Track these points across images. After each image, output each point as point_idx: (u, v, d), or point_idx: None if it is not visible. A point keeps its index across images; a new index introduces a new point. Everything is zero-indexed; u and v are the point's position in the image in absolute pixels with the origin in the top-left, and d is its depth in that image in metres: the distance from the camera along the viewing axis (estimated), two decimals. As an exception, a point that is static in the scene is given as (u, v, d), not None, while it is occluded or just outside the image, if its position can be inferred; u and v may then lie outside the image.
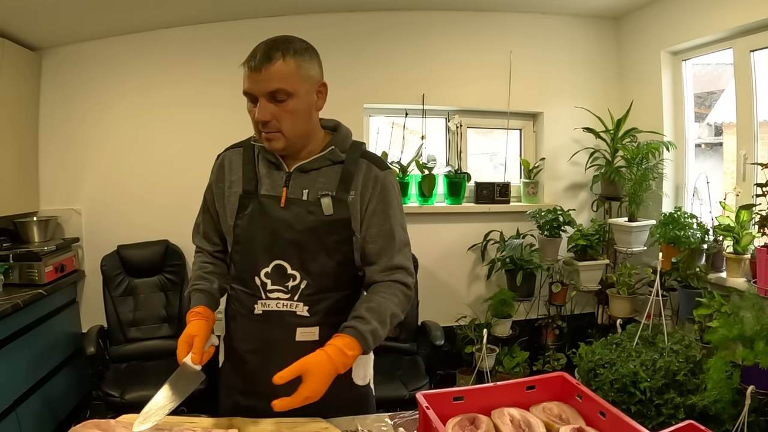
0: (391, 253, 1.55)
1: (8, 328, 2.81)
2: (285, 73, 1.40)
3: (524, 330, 4.01)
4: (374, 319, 1.43)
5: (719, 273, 3.19)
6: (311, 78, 1.48)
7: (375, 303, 1.47)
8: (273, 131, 1.45)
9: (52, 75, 3.58)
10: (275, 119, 1.43)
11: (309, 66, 1.47)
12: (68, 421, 3.24)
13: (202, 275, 1.64)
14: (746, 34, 3.15)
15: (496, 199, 4.04)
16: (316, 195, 1.52)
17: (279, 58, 1.39)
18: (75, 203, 3.67)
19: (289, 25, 3.72)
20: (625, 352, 2.88)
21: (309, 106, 1.49)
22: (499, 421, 1.34)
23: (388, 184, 1.58)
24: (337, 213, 1.51)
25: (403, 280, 1.56)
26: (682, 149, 3.76)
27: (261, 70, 1.38)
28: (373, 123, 4.06)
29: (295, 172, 1.54)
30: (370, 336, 1.41)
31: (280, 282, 1.52)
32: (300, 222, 1.50)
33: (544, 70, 4.08)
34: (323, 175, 1.55)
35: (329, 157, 1.55)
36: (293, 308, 1.52)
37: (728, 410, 2.43)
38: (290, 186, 1.53)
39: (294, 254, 1.51)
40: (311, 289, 1.52)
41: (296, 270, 1.51)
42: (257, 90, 1.41)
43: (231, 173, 1.60)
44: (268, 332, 1.54)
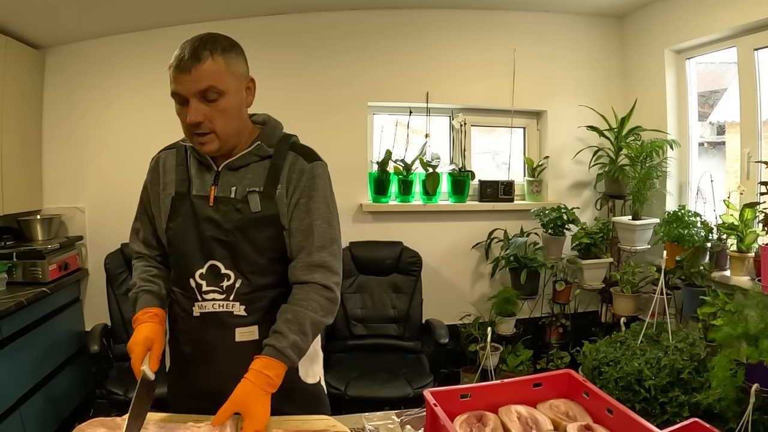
0: (309, 248, 1.50)
1: (12, 327, 2.81)
2: (215, 71, 1.38)
3: (528, 328, 4.00)
4: (292, 332, 1.39)
5: (723, 271, 3.19)
6: (240, 74, 1.46)
7: (291, 314, 1.43)
8: (206, 132, 1.42)
9: (56, 73, 3.58)
10: (208, 119, 1.41)
11: (237, 62, 1.45)
12: (72, 420, 3.24)
13: (147, 278, 1.60)
14: (750, 33, 3.15)
15: (500, 197, 4.04)
16: (244, 192, 1.50)
17: (208, 57, 1.37)
18: (78, 201, 3.67)
19: (291, 23, 3.74)
20: (629, 351, 2.88)
21: (239, 104, 1.47)
22: (506, 419, 1.34)
23: (315, 176, 1.53)
24: (265, 209, 1.49)
25: (323, 281, 1.49)
26: (686, 147, 3.75)
27: (191, 70, 1.36)
28: (377, 121, 4.06)
29: (223, 170, 1.52)
30: (290, 350, 1.37)
31: (215, 282, 1.50)
32: (228, 221, 1.48)
33: (547, 69, 4.08)
34: (251, 171, 1.52)
35: (256, 152, 1.52)
36: (230, 308, 1.50)
37: (733, 408, 2.43)
38: (219, 184, 1.51)
39: (225, 254, 1.49)
40: (246, 287, 1.50)
41: (229, 269, 1.49)
42: (187, 90, 1.38)
43: (165, 175, 1.58)
44: (207, 334, 1.52)
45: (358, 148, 3.88)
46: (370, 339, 3.57)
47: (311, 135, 4.08)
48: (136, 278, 1.62)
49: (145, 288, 1.56)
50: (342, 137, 3.83)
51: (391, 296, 3.66)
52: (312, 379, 1.64)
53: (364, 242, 3.79)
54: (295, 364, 1.40)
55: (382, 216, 3.91)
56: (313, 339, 1.46)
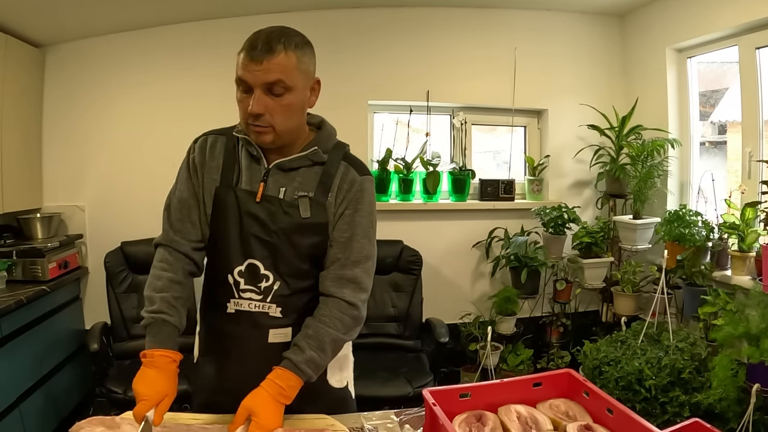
0: (344, 261, 1.47)
1: (11, 325, 2.80)
2: (286, 66, 1.36)
3: (528, 327, 4.00)
4: (311, 348, 1.38)
5: (724, 271, 3.18)
6: (308, 73, 1.45)
7: (313, 330, 1.41)
8: (264, 125, 1.39)
9: (56, 71, 3.57)
10: (269, 113, 1.38)
11: (308, 61, 1.44)
12: (71, 418, 3.24)
13: (170, 301, 1.44)
14: (751, 32, 3.14)
15: (501, 196, 4.03)
16: (293, 194, 1.47)
17: (281, 51, 1.35)
18: (78, 200, 3.67)
19: (293, 21, 3.68)
20: (630, 350, 2.87)
21: (303, 102, 1.45)
22: (506, 418, 1.33)
23: (364, 189, 1.51)
24: (315, 216, 1.46)
25: (350, 298, 1.45)
26: (687, 147, 3.74)
27: (262, 61, 1.33)
28: (377, 120, 4.05)
29: (273, 168, 1.48)
30: (306, 366, 1.37)
31: (253, 282, 1.47)
32: (274, 222, 1.45)
33: (548, 67, 4.07)
34: (302, 175, 1.49)
35: (311, 157, 1.50)
36: (266, 309, 1.48)
37: (733, 408, 2.42)
38: (268, 182, 1.48)
39: (266, 254, 1.46)
40: (285, 290, 1.48)
41: (269, 270, 1.46)
42: (255, 80, 1.35)
43: (212, 159, 1.52)
44: (240, 332, 1.50)
45: (358, 147, 3.82)
46: (370, 338, 3.56)
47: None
48: (155, 293, 1.45)
49: (164, 317, 1.43)
50: (342, 135, 3.75)
51: (392, 295, 3.65)
52: (339, 384, 1.63)
53: (364, 241, 3.77)
54: (312, 378, 1.39)
55: (383, 215, 3.84)
56: (333, 355, 1.45)
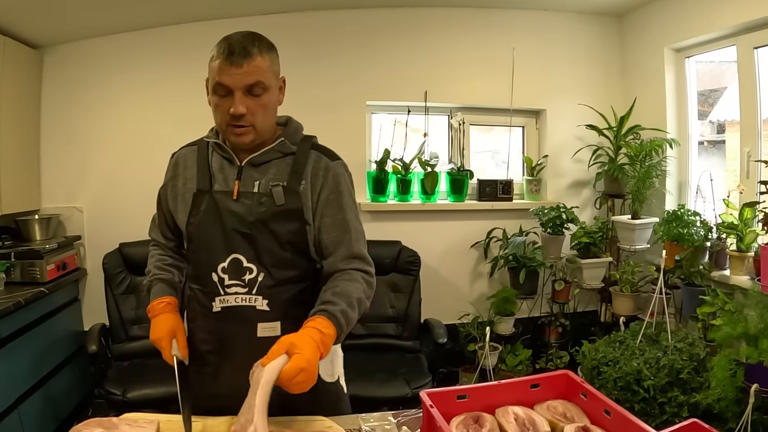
0: (348, 242, 1.55)
1: (10, 327, 2.80)
2: (262, 68, 1.45)
3: (527, 328, 4.00)
4: (343, 302, 1.41)
5: (723, 271, 3.18)
6: (278, 74, 1.54)
7: (340, 288, 1.46)
8: (245, 125, 1.47)
9: (54, 73, 3.57)
10: (250, 113, 1.46)
11: (277, 62, 1.53)
12: (70, 420, 3.24)
13: (162, 266, 1.68)
14: (750, 32, 3.14)
15: (499, 196, 4.03)
16: (267, 186, 1.53)
17: (257, 54, 1.44)
18: (77, 201, 3.66)
19: (291, 22, 3.73)
20: (628, 350, 2.87)
21: (275, 101, 1.53)
22: (503, 420, 1.33)
23: (339, 174, 1.59)
24: (289, 203, 1.52)
25: (364, 268, 1.55)
26: (686, 146, 3.75)
27: (242, 64, 1.41)
28: (375, 120, 4.05)
29: (246, 165, 1.55)
30: (341, 316, 1.38)
31: (237, 276, 1.51)
32: (251, 214, 1.51)
33: (547, 67, 4.07)
34: (274, 166, 1.56)
35: (279, 149, 1.57)
36: (252, 302, 1.51)
37: (732, 408, 2.42)
38: (242, 179, 1.55)
39: (248, 247, 1.51)
40: (269, 281, 1.51)
41: (252, 263, 1.51)
42: (236, 83, 1.42)
43: (185, 170, 1.62)
44: (227, 329, 1.53)
45: (356, 147, 3.87)
46: (368, 338, 3.56)
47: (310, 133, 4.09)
48: (151, 266, 1.70)
49: (159, 276, 1.65)
50: (340, 136, 3.80)
51: (390, 296, 3.65)
52: (330, 378, 1.67)
53: (362, 241, 3.77)
54: (343, 332, 1.40)
55: (381, 215, 3.90)
56: (358, 317, 1.48)
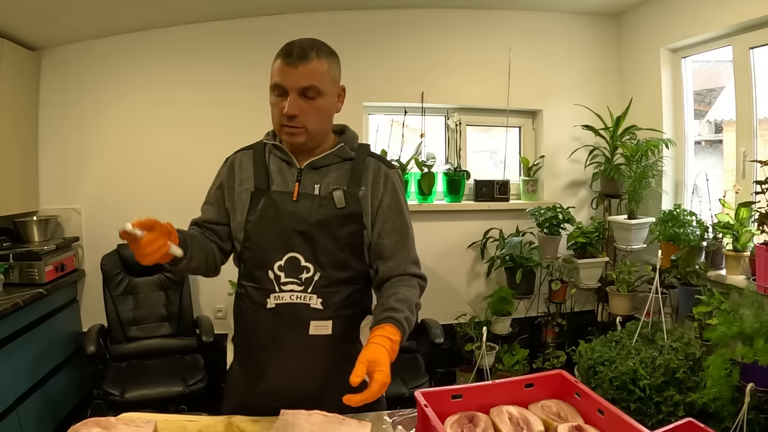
0: (407, 247, 1.64)
1: (9, 328, 2.81)
2: (319, 72, 1.49)
3: (524, 328, 4.01)
4: (405, 308, 1.46)
5: (719, 270, 3.19)
6: (336, 81, 1.59)
7: (402, 294, 1.51)
8: (298, 126, 1.50)
9: (52, 74, 3.58)
10: (302, 114, 1.49)
11: (337, 69, 1.59)
12: (69, 420, 3.24)
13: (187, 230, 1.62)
14: (746, 32, 3.15)
15: (496, 196, 4.04)
16: (327, 189, 1.56)
17: (315, 57, 1.48)
18: (75, 202, 3.67)
19: (289, 23, 3.73)
20: (624, 350, 2.89)
21: (332, 107, 1.58)
22: (497, 419, 1.34)
23: (397, 181, 1.65)
24: (349, 206, 1.55)
25: (419, 273, 1.65)
26: (682, 147, 3.76)
27: (299, 65, 1.46)
28: (372, 121, 4.06)
29: (306, 168, 1.58)
30: (405, 322, 1.43)
31: (294, 274, 1.53)
32: (312, 215, 1.54)
33: (543, 68, 4.08)
34: (333, 170, 1.60)
35: (339, 154, 1.60)
36: (307, 300, 1.53)
37: (728, 408, 2.44)
38: (302, 182, 1.57)
39: (306, 246, 1.53)
40: (324, 281, 1.54)
41: (309, 262, 1.53)
42: (291, 84, 1.47)
43: (241, 172, 1.64)
44: (280, 326, 1.54)
45: (354, 148, 3.87)
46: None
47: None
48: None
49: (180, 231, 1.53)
50: (338, 137, 3.83)
51: (388, 296, 3.65)
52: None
53: (360, 242, 3.78)
54: (406, 337, 1.44)
55: (379, 216, 3.90)
56: (415, 320, 1.52)
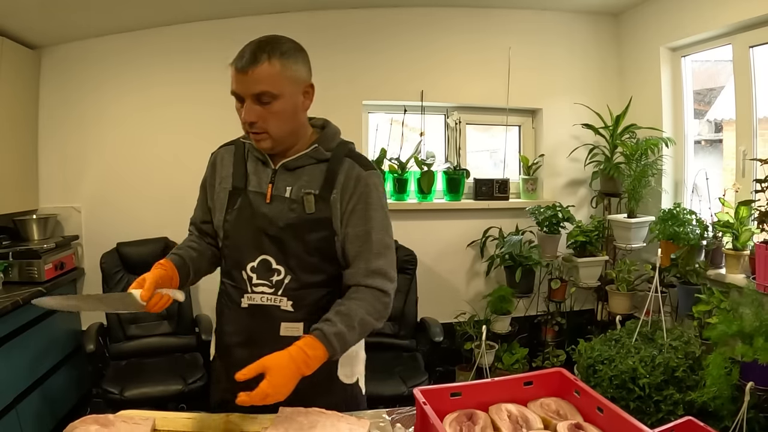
0: (368, 255, 1.52)
1: (8, 326, 2.81)
2: (270, 75, 1.41)
3: (523, 326, 4.01)
4: (341, 323, 1.41)
5: (718, 269, 3.19)
6: (297, 79, 1.49)
7: (345, 307, 1.46)
8: (259, 132, 1.47)
9: (52, 73, 3.57)
10: (261, 120, 1.45)
11: (295, 67, 1.48)
12: (68, 419, 3.22)
13: (184, 246, 1.68)
14: (745, 30, 3.15)
15: (495, 195, 4.04)
16: (299, 192, 1.53)
17: (265, 60, 1.40)
18: (74, 201, 3.67)
19: (289, 22, 3.73)
20: (624, 349, 2.89)
21: (295, 107, 1.50)
22: (496, 417, 1.34)
23: (371, 184, 1.55)
24: (319, 211, 1.52)
25: (380, 286, 1.52)
26: (681, 145, 3.76)
27: (247, 71, 1.40)
28: (372, 120, 4.06)
29: (280, 169, 1.56)
30: (335, 338, 1.38)
31: (265, 276, 1.53)
32: (282, 218, 1.52)
33: (543, 67, 4.08)
34: (307, 173, 1.56)
35: (313, 155, 1.56)
36: (277, 302, 1.53)
37: (727, 406, 2.44)
38: (276, 183, 1.55)
39: (277, 250, 1.53)
40: (295, 283, 1.53)
41: (280, 265, 1.53)
42: (243, 91, 1.43)
43: (222, 170, 1.64)
44: (253, 325, 1.55)
45: (353, 147, 3.88)
46: (365, 337, 3.56)
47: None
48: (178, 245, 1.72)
49: (175, 252, 1.63)
50: (338, 136, 3.83)
51: (387, 295, 3.65)
52: (348, 379, 1.66)
53: (360, 241, 3.78)
54: (337, 353, 1.40)
55: (378, 214, 3.90)
56: (359, 337, 1.49)
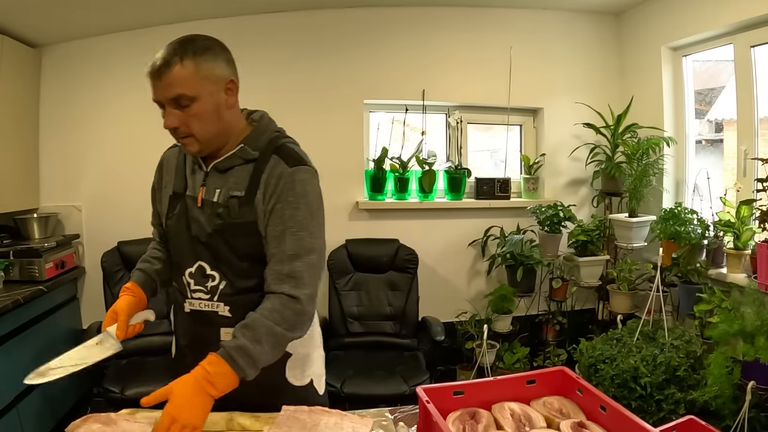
0: (281, 257, 1.42)
1: (9, 325, 2.80)
2: (184, 77, 1.36)
3: (525, 326, 4.01)
4: (244, 336, 1.33)
5: (720, 269, 3.20)
6: (215, 77, 1.42)
7: (250, 320, 1.37)
8: (184, 136, 1.43)
9: (53, 72, 3.57)
10: (183, 124, 1.40)
11: (212, 65, 1.41)
12: (69, 418, 3.23)
13: (147, 258, 1.70)
14: (746, 30, 3.15)
15: (497, 194, 4.03)
16: (227, 195, 1.48)
17: (177, 63, 1.35)
18: (75, 200, 3.67)
19: (287, 21, 3.73)
20: (625, 348, 2.88)
21: (216, 106, 1.43)
22: (499, 416, 1.34)
23: (294, 180, 1.44)
24: (243, 215, 1.46)
25: (291, 292, 1.40)
26: (683, 145, 3.76)
27: (161, 77, 1.36)
28: (373, 119, 4.05)
29: (212, 171, 1.51)
30: (236, 353, 1.30)
31: (202, 282, 1.52)
32: (210, 224, 1.48)
33: (544, 66, 4.07)
34: (235, 174, 1.49)
35: (240, 155, 1.49)
36: (214, 308, 1.51)
37: (729, 406, 2.43)
38: (207, 186, 1.51)
39: (210, 256, 1.50)
40: (230, 289, 1.50)
41: (214, 271, 1.50)
42: (160, 97, 1.39)
43: (166, 173, 1.62)
44: (197, 330, 1.55)
45: (354, 146, 3.88)
46: (366, 336, 3.57)
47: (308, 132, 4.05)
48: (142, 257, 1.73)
49: (139, 267, 1.67)
50: (338, 135, 3.83)
51: (388, 294, 3.66)
52: (299, 381, 1.62)
53: (360, 240, 3.79)
54: (245, 369, 1.30)
55: (379, 213, 3.92)
56: (273, 349, 1.38)
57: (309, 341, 1.64)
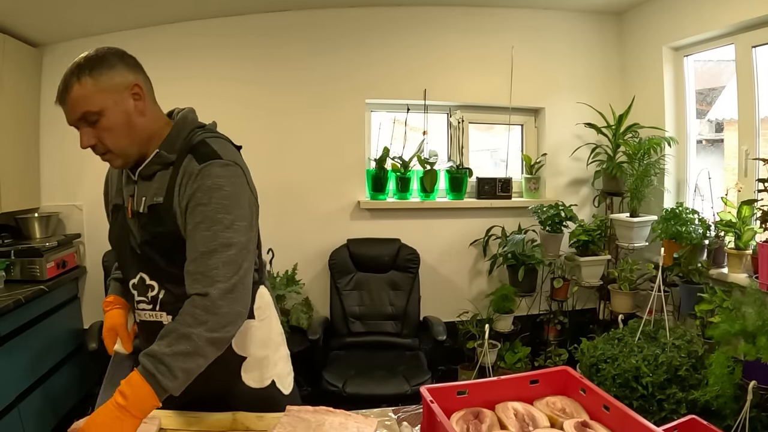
0: (193, 256, 1.35)
1: (10, 324, 2.80)
2: (84, 95, 1.35)
3: (526, 325, 4.01)
4: (157, 345, 1.27)
5: (721, 268, 3.20)
6: (116, 86, 1.38)
7: (165, 328, 1.31)
8: (103, 153, 1.41)
9: (54, 71, 3.56)
10: (98, 141, 1.39)
11: (110, 76, 1.38)
12: (70, 417, 3.24)
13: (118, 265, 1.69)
14: (748, 30, 3.15)
15: (498, 194, 4.04)
16: (150, 204, 1.44)
17: (75, 83, 1.35)
18: (76, 199, 3.66)
19: (290, 20, 3.73)
20: (627, 348, 2.89)
21: (126, 115, 1.40)
22: (503, 415, 1.34)
23: (204, 176, 1.37)
24: (165, 224, 1.41)
25: (200, 290, 1.31)
26: (684, 145, 3.76)
27: (65, 100, 1.36)
28: (374, 118, 4.05)
29: (138, 179, 1.47)
30: (145, 359, 1.25)
31: (144, 293, 1.50)
32: (139, 234, 1.46)
33: (545, 66, 4.08)
34: (158, 180, 1.44)
35: (156, 161, 1.44)
36: (159, 318, 1.49)
37: (730, 405, 2.44)
38: (135, 195, 1.47)
39: (146, 266, 1.48)
40: (170, 297, 1.46)
41: (153, 280, 1.48)
42: (70, 119, 1.39)
43: (111, 185, 1.62)
44: (148, 340, 1.46)
45: (355, 145, 3.88)
46: (367, 336, 3.57)
47: (309, 132, 4.04)
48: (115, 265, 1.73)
49: (114, 277, 1.71)
50: (340, 134, 3.83)
51: (389, 293, 3.66)
52: (258, 384, 1.59)
53: (361, 239, 3.79)
54: (156, 374, 1.23)
55: (380, 213, 3.92)
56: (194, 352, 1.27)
57: (266, 343, 1.61)
